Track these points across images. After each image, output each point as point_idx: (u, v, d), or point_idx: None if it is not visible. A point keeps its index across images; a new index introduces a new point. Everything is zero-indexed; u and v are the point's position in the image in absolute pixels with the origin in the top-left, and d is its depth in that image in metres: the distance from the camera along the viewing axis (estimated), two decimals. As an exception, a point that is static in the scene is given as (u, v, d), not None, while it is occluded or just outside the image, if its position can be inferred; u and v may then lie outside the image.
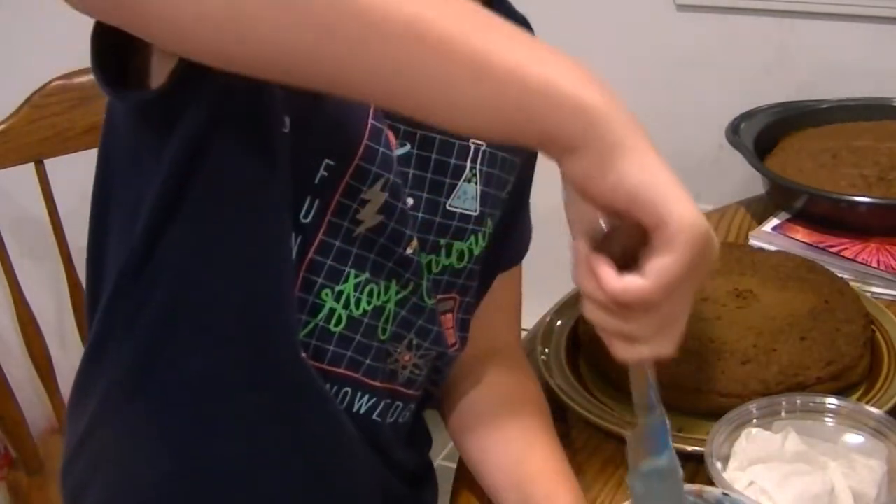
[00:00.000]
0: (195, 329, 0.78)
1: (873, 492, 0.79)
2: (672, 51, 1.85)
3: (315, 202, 0.77)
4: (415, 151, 0.83)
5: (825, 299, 1.04)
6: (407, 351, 0.88)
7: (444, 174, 0.84)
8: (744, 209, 1.40)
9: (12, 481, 1.46)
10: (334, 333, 0.81)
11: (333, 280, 0.80)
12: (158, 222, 0.75)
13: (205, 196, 0.74)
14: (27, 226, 1.58)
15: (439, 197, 0.85)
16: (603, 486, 0.90)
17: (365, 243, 0.80)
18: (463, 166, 0.85)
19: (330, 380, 0.82)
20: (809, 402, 0.88)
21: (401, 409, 0.90)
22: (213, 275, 0.77)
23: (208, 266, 0.77)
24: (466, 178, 0.86)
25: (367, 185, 0.78)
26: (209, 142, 0.72)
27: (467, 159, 0.85)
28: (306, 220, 0.77)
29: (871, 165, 1.32)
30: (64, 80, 1.42)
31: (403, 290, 0.84)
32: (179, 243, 0.76)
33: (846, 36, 1.70)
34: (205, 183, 0.73)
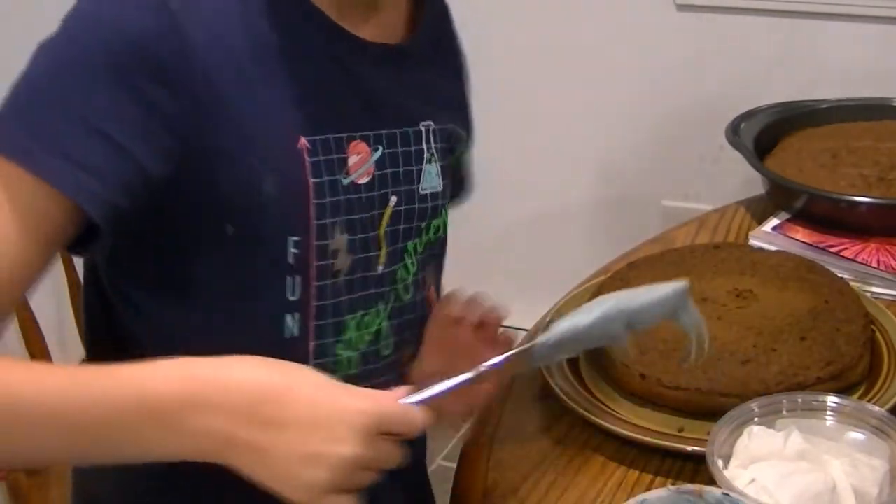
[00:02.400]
0: None
1: (875, 490, 0.79)
2: (672, 51, 1.85)
3: (296, 279, 0.82)
4: (386, 151, 0.86)
5: (825, 299, 1.04)
6: (407, 347, 0.93)
7: (411, 163, 0.89)
8: (744, 209, 1.40)
9: (12, 481, 1.45)
10: (352, 375, 0.87)
11: (339, 333, 0.86)
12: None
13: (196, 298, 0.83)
14: (27, 226, 1.57)
15: (413, 185, 0.89)
16: (603, 486, 0.90)
17: (347, 286, 0.85)
18: (422, 149, 0.90)
19: None
20: (811, 401, 0.88)
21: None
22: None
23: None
24: (427, 159, 0.90)
25: (331, 237, 0.83)
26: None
27: (423, 142, 0.90)
28: (293, 297, 0.83)
29: (871, 165, 1.32)
30: (64, 80, 1.41)
31: (389, 304, 0.90)
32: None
33: (846, 36, 1.70)
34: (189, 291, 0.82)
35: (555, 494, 0.90)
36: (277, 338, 0.83)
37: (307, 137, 0.81)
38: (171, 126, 0.75)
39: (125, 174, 0.75)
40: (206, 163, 0.77)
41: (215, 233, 0.80)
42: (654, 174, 1.97)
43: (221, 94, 0.77)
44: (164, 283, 0.83)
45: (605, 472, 0.92)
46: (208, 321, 0.84)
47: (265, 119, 0.79)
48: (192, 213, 0.79)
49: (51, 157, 0.73)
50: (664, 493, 0.78)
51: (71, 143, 0.73)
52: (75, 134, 0.73)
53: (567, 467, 0.93)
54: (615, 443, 0.93)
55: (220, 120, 0.77)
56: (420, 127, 0.90)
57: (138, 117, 0.74)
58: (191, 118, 0.76)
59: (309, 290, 0.83)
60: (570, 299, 1.15)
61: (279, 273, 0.82)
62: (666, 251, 1.19)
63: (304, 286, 0.83)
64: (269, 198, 0.79)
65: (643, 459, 0.92)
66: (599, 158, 2.01)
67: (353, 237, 0.85)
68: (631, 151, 1.98)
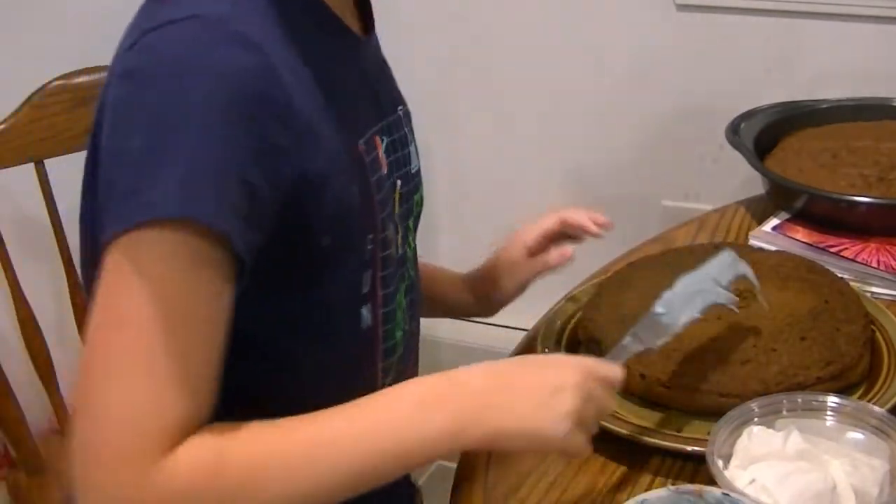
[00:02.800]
0: (282, 384, 0.88)
1: (875, 490, 0.79)
2: (672, 51, 1.85)
3: (368, 274, 0.88)
4: (388, 139, 0.92)
5: (825, 299, 1.04)
6: (415, 320, 1.00)
7: (404, 147, 0.95)
8: (744, 209, 1.40)
9: (12, 481, 1.45)
10: (401, 355, 0.96)
11: (393, 318, 0.93)
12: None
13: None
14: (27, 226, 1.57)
15: (407, 167, 0.96)
16: (603, 486, 0.90)
17: (395, 273, 0.92)
18: (405, 132, 0.97)
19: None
20: (811, 401, 0.88)
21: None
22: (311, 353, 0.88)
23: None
24: (410, 141, 0.97)
25: (386, 229, 0.89)
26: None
27: (404, 126, 0.97)
28: (366, 290, 0.88)
29: (871, 165, 1.32)
30: (64, 80, 1.41)
31: (405, 282, 0.96)
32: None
33: (846, 36, 1.70)
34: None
35: (555, 494, 0.90)
36: (356, 330, 0.89)
37: (361, 141, 0.85)
38: (287, 157, 0.76)
39: (261, 221, 0.75)
40: (309, 186, 0.78)
41: (313, 246, 0.82)
42: (654, 174, 1.97)
43: (306, 117, 0.78)
44: (267, 305, 0.83)
45: (605, 472, 0.92)
46: (296, 327, 0.86)
47: (336, 133, 0.81)
48: (294, 234, 0.80)
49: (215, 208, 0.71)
50: (664, 493, 0.78)
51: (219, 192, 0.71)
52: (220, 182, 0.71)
53: (567, 467, 0.93)
54: (615, 443, 0.93)
55: (312, 143, 0.78)
56: (399, 112, 0.96)
57: (269, 159, 0.74)
58: (296, 146, 0.77)
59: (376, 281, 0.89)
60: (570, 299, 1.15)
61: (360, 270, 0.87)
62: (666, 251, 1.20)
63: (373, 278, 0.88)
64: (354, 204, 0.83)
65: (643, 459, 0.92)
66: (598, 158, 2.01)
67: (393, 223, 0.91)
68: (631, 151, 1.97)
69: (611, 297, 1.09)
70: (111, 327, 0.71)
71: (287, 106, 0.76)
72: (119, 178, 0.72)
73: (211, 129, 0.71)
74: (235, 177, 0.72)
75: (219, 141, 0.71)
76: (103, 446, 0.70)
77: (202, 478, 0.71)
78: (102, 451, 0.70)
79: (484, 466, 0.94)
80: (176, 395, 0.71)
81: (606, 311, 1.07)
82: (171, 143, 0.71)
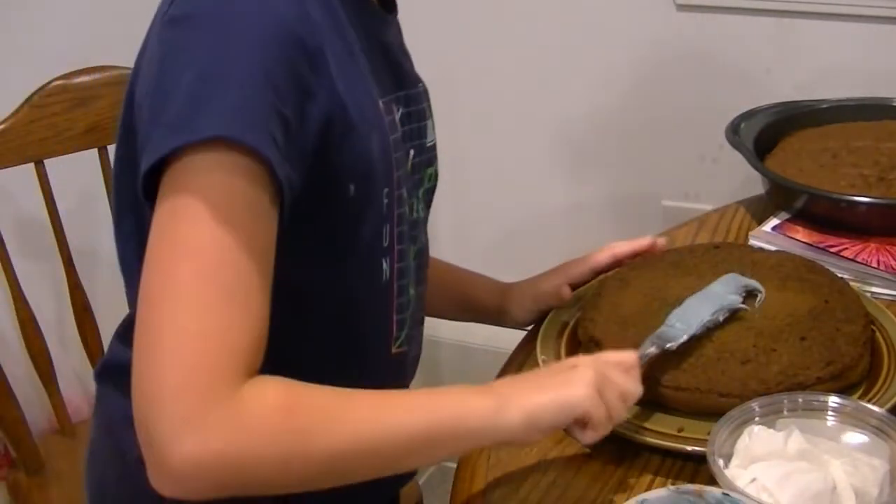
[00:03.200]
0: (305, 330, 0.90)
1: (875, 490, 0.79)
2: (672, 51, 1.85)
3: (387, 227, 0.91)
4: (404, 110, 0.96)
5: (825, 299, 1.04)
6: (423, 285, 1.03)
7: (420, 120, 1.00)
8: (744, 209, 1.40)
9: (12, 481, 1.46)
10: (413, 313, 0.99)
11: (406, 275, 0.97)
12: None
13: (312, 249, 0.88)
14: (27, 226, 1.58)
15: (423, 139, 1.00)
16: (603, 486, 0.90)
17: (409, 231, 0.96)
18: (424, 107, 1.01)
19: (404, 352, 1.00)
20: (812, 401, 0.88)
21: (420, 339, 1.06)
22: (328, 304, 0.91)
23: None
24: (427, 116, 1.02)
25: (400, 187, 0.92)
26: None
27: (423, 101, 1.01)
28: (386, 244, 0.92)
29: (871, 165, 1.32)
30: (64, 80, 1.42)
31: (416, 245, 1.00)
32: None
33: (846, 36, 1.70)
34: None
35: (555, 494, 0.90)
36: (378, 282, 0.93)
37: (381, 100, 0.89)
38: (315, 101, 0.80)
39: (296, 155, 0.78)
40: (335, 134, 0.82)
41: (341, 195, 0.86)
42: (654, 174, 1.97)
43: (336, 67, 0.82)
44: (294, 246, 0.85)
45: (605, 472, 0.92)
46: (325, 276, 0.90)
47: (360, 88, 0.86)
48: (326, 181, 0.84)
49: (262, 133, 0.74)
50: (664, 493, 0.78)
51: (264, 121, 0.74)
52: (266, 111, 0.75)
53: (567, 467, 0.93)
54: (615, 443, 0.93)
55: (338, 93, 0.82)
56: (419, 88, 1.01)
57: (301, 98, 0.78)
58: (325, 92, 0.81)
59: (393, 236, 0.92)
60: (570, 299, 1.15)
61: (379, 222, 0.90)
62: (666, 251, 1.19)
63: (390, 232, 0.92)
64: (375, 156, 0.87)
65: (643, 459, 0.92)
66: (599, 158, 2.01)
67: (407, 186, 0.94)
68: (631, 151, 1.97)
69: (611, 297, 1.09)
70: (176, 255, 0.73)
71: (320, 54, 0.80)
72: (171, 110, 0.74)
73: (254, 65, 0.75)
74: (274, 109, 0.75)
75: (262, 75, 0.75)
76: (178, 373, 0.70)
77: (276, 413, 0.73)
78: (177, 378, 0.70)
79: (484, 466, 0.94)
80: (244, 321, 0.73)
81: (606, 311, 1.07)
82: (218, 77, 0.74)
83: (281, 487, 0.75)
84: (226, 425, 0.71)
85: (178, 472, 0.70)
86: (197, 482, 0.71)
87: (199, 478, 0.71)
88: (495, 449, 0.95)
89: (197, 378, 0.70)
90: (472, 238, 2.13)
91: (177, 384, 0.70)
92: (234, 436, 0.71)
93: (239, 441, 0.71)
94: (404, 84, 0.97)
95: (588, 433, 0.85)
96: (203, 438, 0.70)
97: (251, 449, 0.72)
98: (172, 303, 0.72)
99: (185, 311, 0.71)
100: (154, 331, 0.72)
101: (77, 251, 1.47)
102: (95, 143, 1.45)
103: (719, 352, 0.97)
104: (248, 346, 0.73)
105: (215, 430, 0.70)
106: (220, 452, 0.70)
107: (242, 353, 0.72)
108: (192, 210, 0.72)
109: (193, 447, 0.69)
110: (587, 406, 0.82)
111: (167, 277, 0.73)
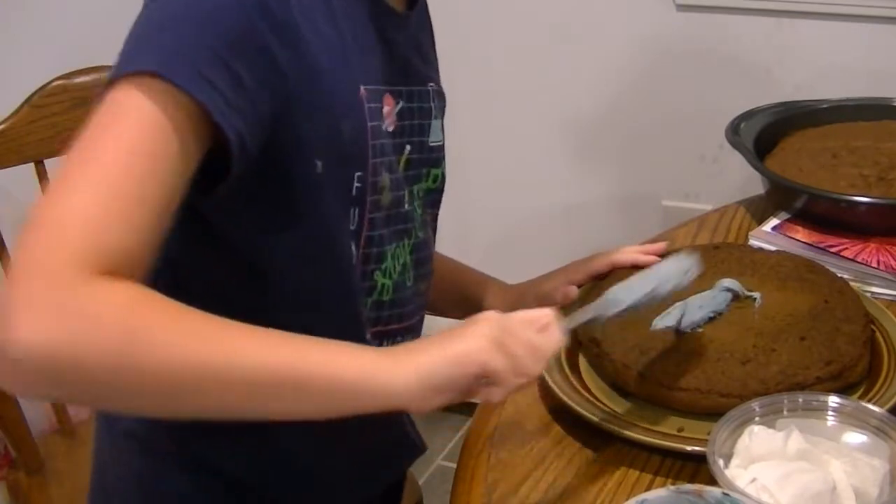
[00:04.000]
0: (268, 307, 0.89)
1: (875, 490, 0.79)
2: (672, 51, 1.85)
3: (356, 210, 0.92)
4: (405, 105, 0.98)
5: (825, 299, 1.04)
6: (423, 280, 1.05)
7: (423, 118, 1.01)
8: (744, 209, 1.40)
9: (12, 481, 1.46)
10: (385, 301, 0.98)
11: (380, 262, 0.96)
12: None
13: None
14: (27, 226, 1.57)
15: (424, 137, 1.01)
16: (603, 486, 0.90)
17: (388, 220, 0.96)
18: (430, 107, 1.02)
19: (381, 338, 0.99)
20: (812, 401, 0.88)
21: (413, 338, 1.05)
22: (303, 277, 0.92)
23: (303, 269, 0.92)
24: (434, 115, 1.03)
25: (379, 174, 0.93)
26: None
27: (429, 101, 1.02)
28: (353, 227, 0.92)
29: (871, 165, 1.32)
30: (64, 80, 1.42)
31: (411, 240, 1.00)
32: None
33: (845, 36, 1.70)
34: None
35: (555, 494, 0.90)
36: (340, 262, 0.92)
37: (364, 87, 0.90)
38: (281, 73, 0.81)
39: (249, 110, 0.79)
40: (301, 108, 0.84)
41: (308, 170, 0.87)
42: (654, 174, 1.97)
43: (309, 45, 0.84)
44: (263, 218, 0.88)
45: (605, 472, 0.92)
46: (292, 249, 0.90)
47: (339, 71, 0.87)
48: (290, 153, 0.85)
49: (193, 75, 0.75)
50: (664, 493, 0.78)
51: (207, 66, 0.76)
52: (210, 59, 0.76)
53: (567, 467, 0.93)
54: (615, 443, 0.93)
55: (309, 70, 0.84)
56: (427, 87, 1.02)
57: (260, 62, 0.80)
58: (293, 67, 0.82)
59: (363, 221, 0.93)
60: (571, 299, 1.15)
61: (347, 204, 0.91)
62: (666, 251, 1.19)
63: (360, 217, 0.92)
64: (346, 138, 0.88)
65: (643, 459, 0.92)
66: (599, 158, 2.01)
67: (392, 176, 0.95)
68: (631, 151, 1.97)
69: (611, 297, 1.09)
70: (84, 150, 0.75)
71: (291, 27, 0.82)
72: (122, 50, 0.78)
73: (207, 14, 0.78)
74: (219, 59, 0.77)
75: (211, 26, 0.78)
76: (36, 253, 0.70)
77: (118, 307, 0.71)
78: (32, 258, 0.70)
79: (484, 466, 0.94)
80: (121, 226, 0.72)
81: (606, 311, 1.06)
82: (169, 21, 0.78)
83: (115, 399, 0.73)
84: (63, 309, 0.68)
85: (11, 356, 0.67)
86: (29, 370, 0.68)
87: (30, 364, 0.68)
88: (495, 449, 0.96)
89: (50, 260, 0.69)
90: (472, 238, 2.13)
91: (37, 258, 0.70)
92: (67, 320, 0.68)
93: (70, 326, 0.68)
94: (409, 80, 0.98)
95: (494, 390, 0.80)
96: (38, 318, 0.68)
97: (82, 337, 0.68)
98: (65, 189, 0.73)
99: (67, 199, 0.72)
100: (41, 208, 0.72)
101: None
102: (95, 143, 1.45)
103: (719, 352, 0.97)
104: (116, 250, 0.72)
105: (52, 312, 0.68)
106: (51, 337, 0.67)
107: (108, 254, 0.71)
108: (109, 119, 0.75)
109: (28, 327, 0.67)
110: (483, 358, 0.78)
111: (71, 167, 0.74)
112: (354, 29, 0.90)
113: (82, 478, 1.35)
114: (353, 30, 0.90)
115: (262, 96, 0.80)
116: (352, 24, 0.90)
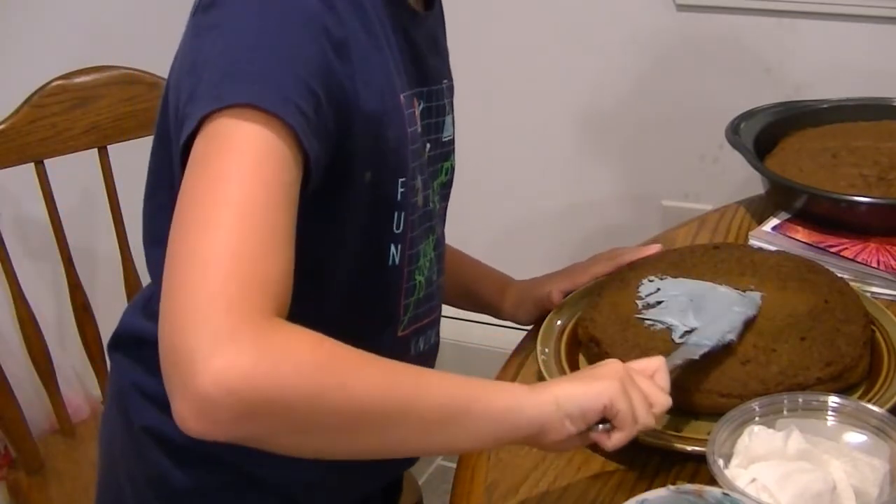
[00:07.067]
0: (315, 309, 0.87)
1: (875, 490, 0.79)
2: (672, 51, 1.85)
3: (401, 215, 0.94)
4: (426, 105, 0.99)
5: (825, 299, 1.04)
6: (443, 274, 1.07)
7: (439, 115, 1.03)
8: (744, 209, 1.40)
9: (12, 481, 1.45)
10: (421, 298, 1.01)
11: (417, 260, 0.99)
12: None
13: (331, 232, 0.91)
14: (27, 226, 1.58)
15: (439, 134, 1.03)
16: (603, 485, 0.90)
17: (421, 220, 0.98)
18: (444, 104, 1.04)
19: (416, 333, 1.02)
20: (812, 401, 0.88)
21: (436, 330, 1.08)
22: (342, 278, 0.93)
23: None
24: (447, 112, 1.05)
25: (416, 177, 0.95)
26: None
27: (444, 97, 1.04)
28: (398, 230, 0.94)
29: (871, 165, 1.32)
30: (64, 80, 1.42)
31: (434, 235, 1.03)
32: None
33: (846, 36, 1.70)
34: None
35: (555, 494, 0.90)
36: (383, 265, 0.95)
37: (402, 94, 0.92)
38: (342, 85, 0.83)
39: (322, 130, 0.80)
40: (355, 122, 0.85)
41: (358, 181, 0.88)
42: (654, 174, 1.97)
43: (359, 58, 0.85)
44: (315, 231, 0.86)
45: (605, 472, 0.92)
46: (342, 260, 0.92)
47: (381, 80, 0.89)
48: (342, 167, 0.86)
49: (286, 102, 0.76)
50: (664, 493, 0.78)
51: (294, 91, 0.77)
52: (293, 84, 0.77)
53: (567, 467, 0.93)
54: (615, 443, 0.93)
55: (361, 82, 0.85)
56: (442, 84, 1.03)
57: (326, 78, 0.81)
58: (349, 84, 0.84)
59: (407, 223, 0.95)
60: (570, 299, 1.15)
61: (392, 210, 0.93)
62: (666, 251, 1.19)
63: (405, 220, 0.94)
64: (391, 146, 0.90)
65: (643, 459, 0.92)
66: (599, 158, 2.01)
67: (423, 177, 0.97)
68: (631, 151, 1.98)
69: (611, 297, 1.09)
70: (212, 190, 0.73)
71: (344, 44, 0.83)
72: (203, 82, 0.77)
73: (283, 39, 0.79)
74: (302, 82, 0.78)
75: (289, 49, 0.79)
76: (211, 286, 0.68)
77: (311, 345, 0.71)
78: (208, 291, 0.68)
79: (484, 466, 0.94)
80: (276, 258, 0.72)
81: (606, 311, 1.07)
82: (246, 49, 0.78)
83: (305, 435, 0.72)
84: (257, 343, 0.67)
85: (203, 393, 0.65)
86: (223, 407, 0.66)
87: (225, 401, 0.66)
88: (495, 449, 0.95)
89: (229, 290, 0.68)
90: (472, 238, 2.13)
91: (208, 296, 0.68)
92: (265, 355, 0.67)
93: (270, 361, 0.67)
94: (427, 80, 0.99)
95: (614, 435, 0.83)
96: (233, 353, 0.66)
97: (282, 373, 0.68)
98: (206, 230, 0.71)
99: (218, 238, 0.70)
100: (186, 253, 0.71)
101: (77, 251, 1.47)
102: (95, 143, 1.45)
103: (719, 352, 0.97)
104: (277, 282, 0.71)
105: (246, 346, 0.67)
106: (249, 371, 0.66)
107: (273, 285, 0.71)
108: (226, 157, 0.74)
109: (222, 363, 0.65)
110: (612, 395, 0.81)
111: (201, 209, 0.72)
112: (388, 36, 0.91)
113: (82, 478, 1.35)
114: (387, 37, 0.91)
115: (330, 115, 0.81)
116: (385, 31, 0.91)
